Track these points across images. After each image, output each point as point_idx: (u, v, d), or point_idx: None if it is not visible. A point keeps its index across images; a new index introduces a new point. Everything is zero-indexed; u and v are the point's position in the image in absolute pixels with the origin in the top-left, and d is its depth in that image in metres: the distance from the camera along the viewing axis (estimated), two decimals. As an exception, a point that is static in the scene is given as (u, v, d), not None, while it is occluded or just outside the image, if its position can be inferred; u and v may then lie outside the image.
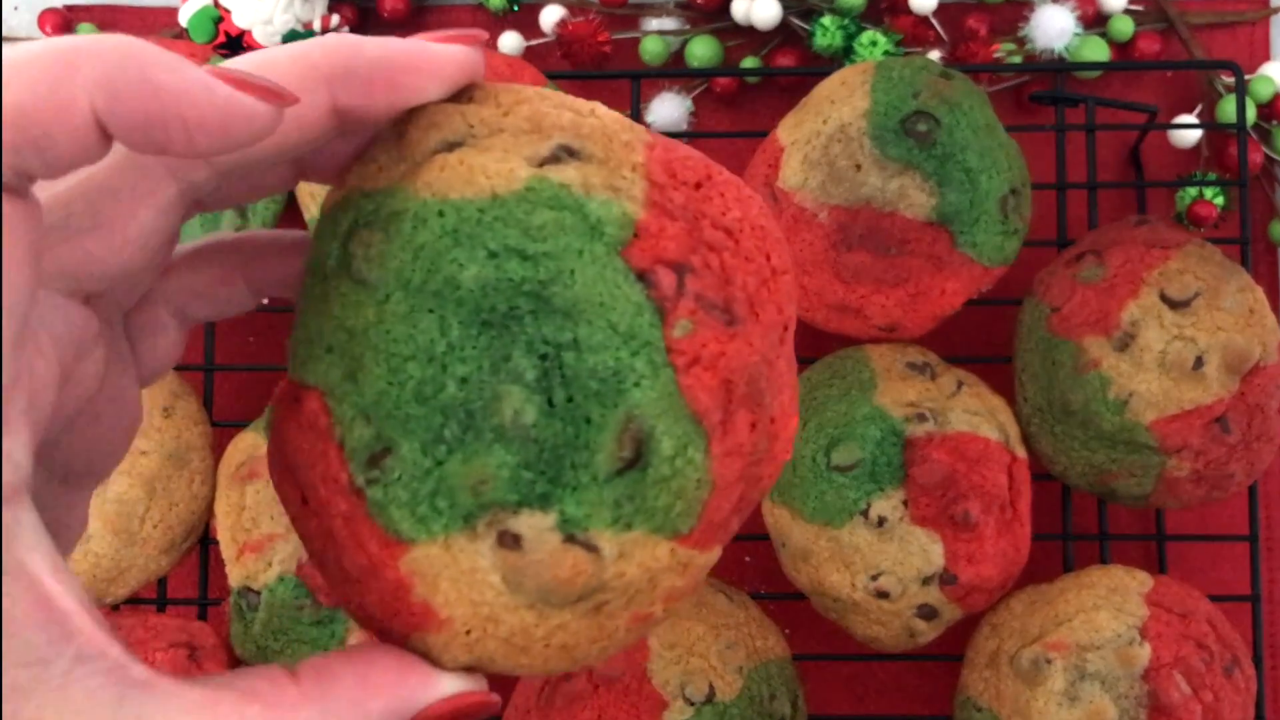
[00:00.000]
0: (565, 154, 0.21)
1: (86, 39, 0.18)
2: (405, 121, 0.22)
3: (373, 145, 0.22)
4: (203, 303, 0.24)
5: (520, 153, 0.21)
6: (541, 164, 0.21)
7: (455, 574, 0.21)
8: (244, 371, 0.60)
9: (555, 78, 0.55)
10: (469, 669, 0.22)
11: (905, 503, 0.48)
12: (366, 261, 0.21)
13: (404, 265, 0.21)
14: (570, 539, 0.21)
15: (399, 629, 0.21)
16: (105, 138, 0.19)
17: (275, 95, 0.19)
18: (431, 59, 0.21)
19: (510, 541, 0.21)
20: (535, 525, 0.21)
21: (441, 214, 0.21)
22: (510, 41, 0.62)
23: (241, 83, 0.19)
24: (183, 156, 0.19)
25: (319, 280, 0.22)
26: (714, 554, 0.22)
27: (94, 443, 0.23)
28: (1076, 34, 0.60)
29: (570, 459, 0.21)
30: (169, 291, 0.24)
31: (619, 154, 0.22)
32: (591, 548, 0.21)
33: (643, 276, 0.21)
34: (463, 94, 0.22)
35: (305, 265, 0.23)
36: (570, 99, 0.22)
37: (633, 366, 0.21)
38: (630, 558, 0.21)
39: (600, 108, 0.22)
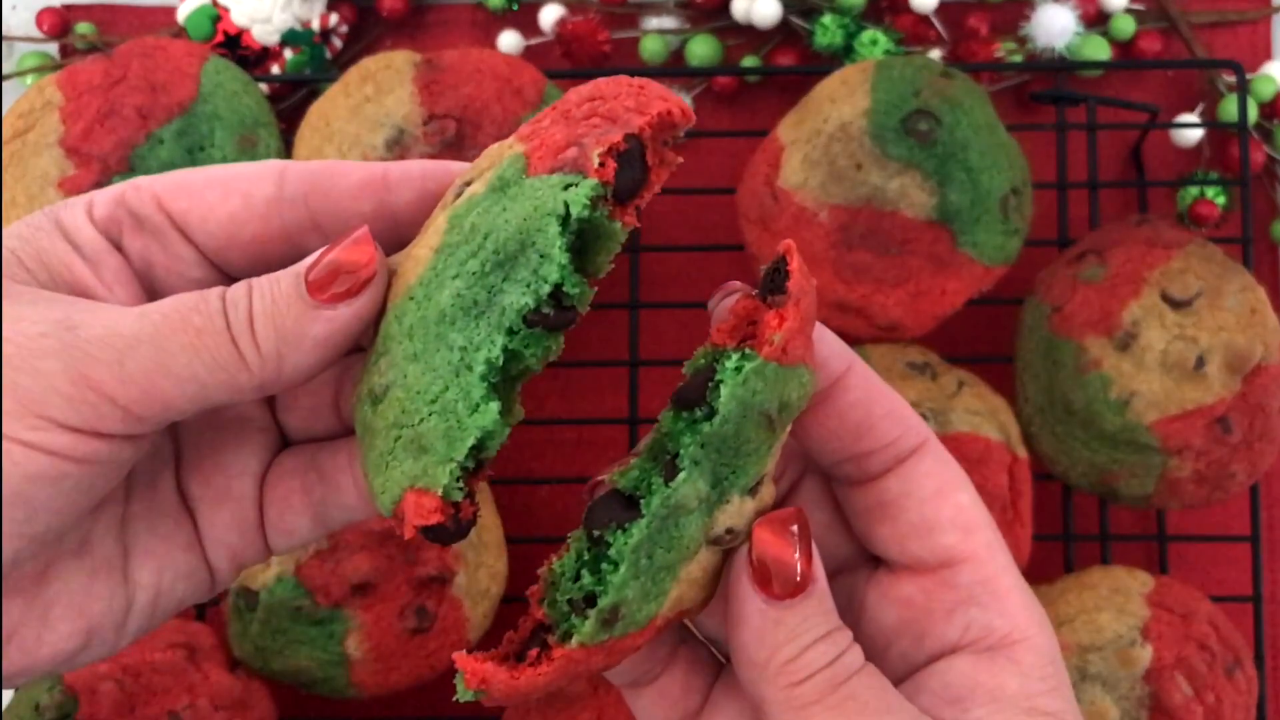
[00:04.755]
0: (464, 187, 0.25)
1: None
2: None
3: None
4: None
5: (438, 217, 0.25)
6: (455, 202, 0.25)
7: None
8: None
9: (555, 77, 0.54)
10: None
11: (906, 503, 0.48)
12: None
13: None
14: (749, 492, 0.26)
15: None
16: None
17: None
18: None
19: (725, 538, 0.26)
20: (733, 512, 0.26)
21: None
22: (510, 41, 0.62)
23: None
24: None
25: None
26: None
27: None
28: (1077, 33, 0.60)
29: (726, 479, 0.26)
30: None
31: (497, 151, 0.25)
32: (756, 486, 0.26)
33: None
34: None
35: None
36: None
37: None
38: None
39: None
